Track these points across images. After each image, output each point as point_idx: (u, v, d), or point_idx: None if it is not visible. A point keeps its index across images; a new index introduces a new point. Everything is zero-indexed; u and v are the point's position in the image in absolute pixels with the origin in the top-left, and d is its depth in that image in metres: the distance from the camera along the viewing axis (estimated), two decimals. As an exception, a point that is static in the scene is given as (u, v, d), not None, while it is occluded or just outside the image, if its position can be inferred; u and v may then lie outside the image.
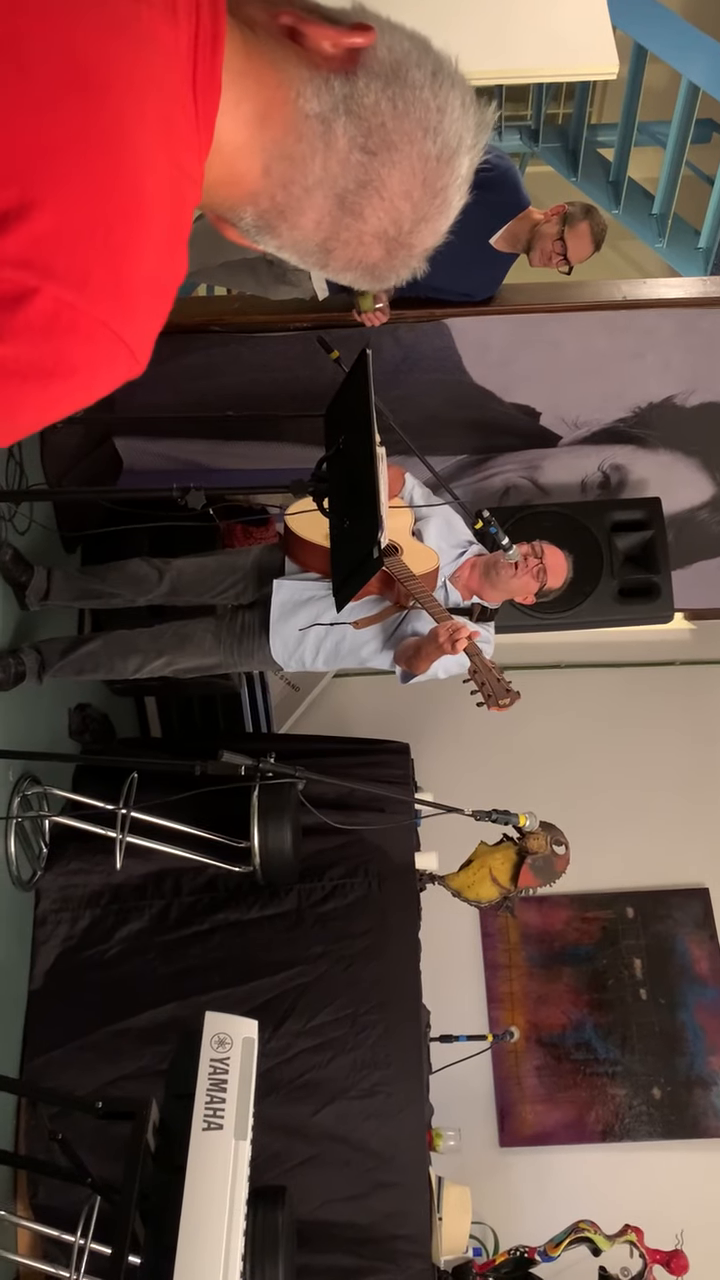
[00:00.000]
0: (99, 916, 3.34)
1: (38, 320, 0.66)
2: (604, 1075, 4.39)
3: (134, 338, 0.71)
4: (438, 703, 4.18)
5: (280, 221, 0.80)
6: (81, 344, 0.69)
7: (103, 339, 0.69)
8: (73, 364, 0.69)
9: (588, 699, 4.99)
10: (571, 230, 3.10)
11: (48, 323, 0.66)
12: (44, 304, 0.66)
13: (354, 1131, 3.08)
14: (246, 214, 0.80)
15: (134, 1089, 2.98)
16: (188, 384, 3.65)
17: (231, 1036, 1.89)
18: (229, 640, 3.13)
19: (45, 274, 0.65)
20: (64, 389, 0.71)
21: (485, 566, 3.02)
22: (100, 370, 0.72)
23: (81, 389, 0.72)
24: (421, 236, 0.81)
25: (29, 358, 0.67)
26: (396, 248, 0.81)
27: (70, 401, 0.73)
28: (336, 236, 0.80)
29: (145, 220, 0.69)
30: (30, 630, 3.38)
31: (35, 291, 0.65)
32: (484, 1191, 3.61)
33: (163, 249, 0.71)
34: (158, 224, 0.70)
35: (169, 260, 0.73)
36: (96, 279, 0.67)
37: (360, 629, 2.99)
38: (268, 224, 0.80)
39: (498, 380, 3.74)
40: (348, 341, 3.10)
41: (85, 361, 0.70)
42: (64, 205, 0.65)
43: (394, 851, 3.47)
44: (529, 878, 3.20)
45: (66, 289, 0.66)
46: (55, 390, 0.71)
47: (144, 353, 0.73)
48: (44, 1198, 2.88)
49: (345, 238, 0.80)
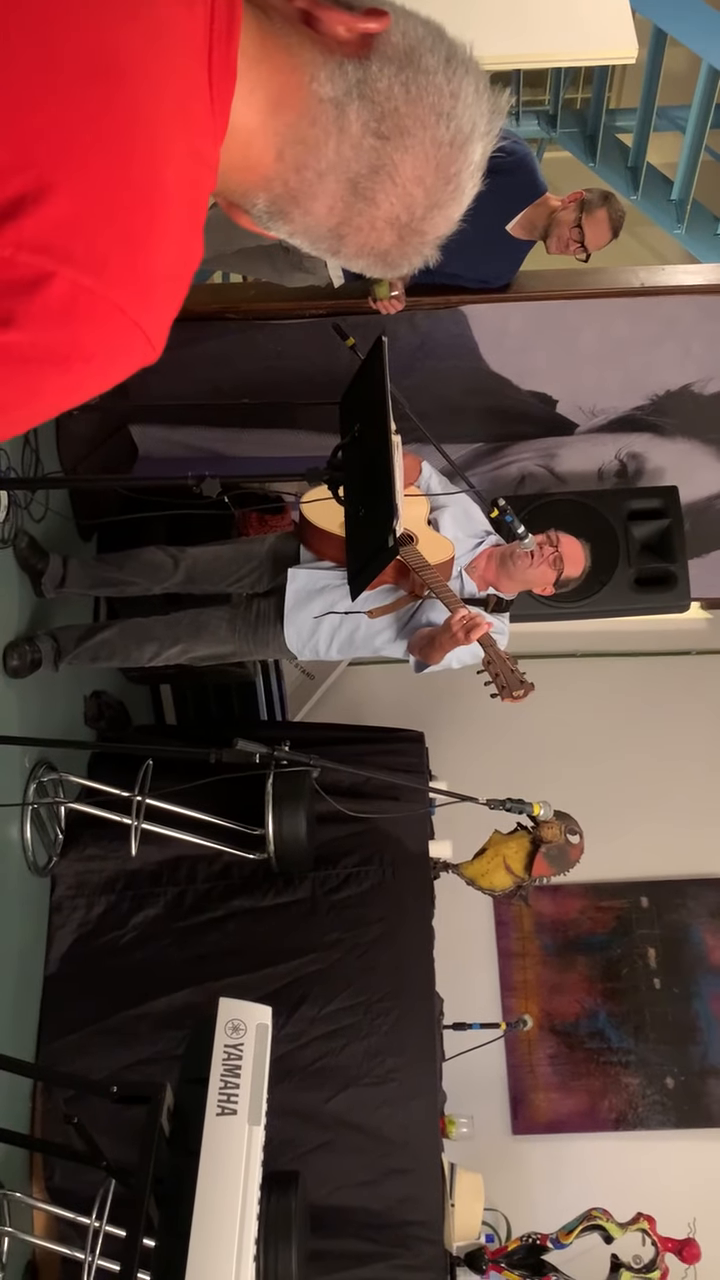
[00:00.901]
0: (114, 902, 3.36)
1: (55, 305, 0.66)
2: (617, 1064, 4.40)
3: (150, 324, 0.71)
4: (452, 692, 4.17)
5: (293, 207, 0.79)
6: (98, 330, 0.69)
7: (120, 325, 0.69)
8: (89, 350, 0.69)
9: (603, 688, 4.98)
10: (589, 217, 3.08)
11: (65, 308, 0.66)
12: (61, 289, 0.65)
13: (367, 1118, 3.10)
14: (259, 200, 0.80)
15: (149, 1073, 3.00)
16: (203, 372, 3.65)
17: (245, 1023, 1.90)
18: (244, 628, 3.13)
19: (63, 259, 0.65)
20: (80, 375, 0.71)
21: (501, 557, 3.01)
22: (117, 356, 0.72)
23: (97, 375, 0.72)
24: (434, 223, 0.81)
25: (46, 343, 0.67)
26: (409, 234, 0.81)
27: (86, 388, 0.73)
28: (349, 222, 0.80)
29: (163, 206, 0.69)
30: (46, 618, 3.39)
31: (52, 276, 0.65)
32: (497, 1178, 3.63)
33: (180, 235, 0.71)
34: (175, 210, 0.70)
35: (186, 246, 0.73)
36: (114, 264, 0.67)
37: (375, 618, 2.99)
38: (280, 209, 0.80)
39: (514, 367, 3.72)
40: (363, 329, 3.09)
41: (102, 347, 0.70)
42: (82, 190, 0.65)
43: (408, 840, 3.47)
44: (543, 867, 3.20)
45: (84, 274, 0.66)
46: (72, 376, 0.71)
47: (160, 339, 0.73)
48: (60, 1180, 2.91)
49: (358, 223, 0.80)
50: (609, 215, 3.10)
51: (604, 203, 3.11)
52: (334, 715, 4.82)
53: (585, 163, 5.18)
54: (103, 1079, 2.84)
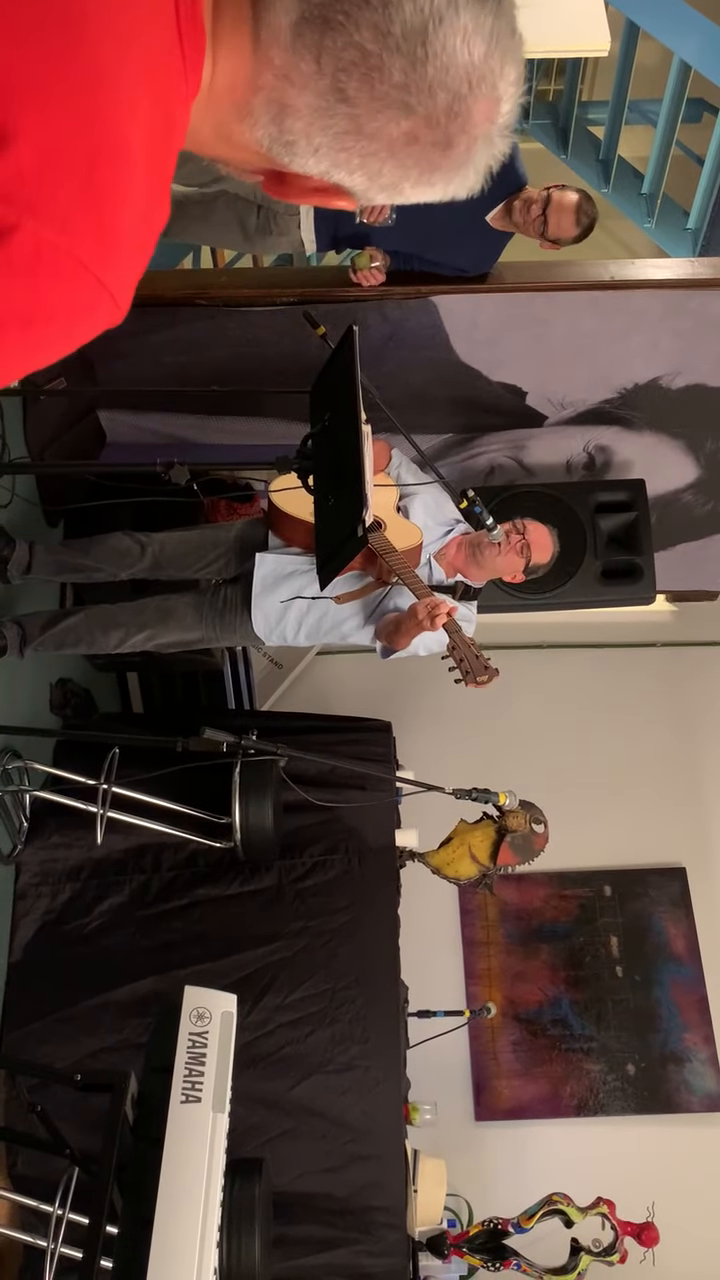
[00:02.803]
0: (79, 890, 3.35)
1: (18, 259, 0.63)
2: (579, 1051, 4.44)
3: (115, 283, 0.69)
4: (420, 682, 4.19)
5: (291, 118, 0.72)
6: (62, 286, 0.66)
7: (84, 282, 0.67)
8: (53, 307, 0.67)
9: (570, 679, 5.02)
10: (557, 202, 3.07)
11: (29, 262, 0.64)
12: (24, 241, 0.63)
13: (331, 1105, 3.11)
14: (261, 126, 0.74)
15: (113, 1061, 2.99)
16: (172, 358, 3.62)
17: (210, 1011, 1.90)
18: (211, 615, 3.12)
19: (26, 210, 0.62)
20: (43, 334, 0.69)
21: (470, 545, 3.03)
22: (81, 316, 0.69)
23: (61, 335, 0.70)
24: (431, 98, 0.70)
25: (9, 299, 0.64)
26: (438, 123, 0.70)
27: (49, 348, 0.71)
28: (356, 126, 0.71)
29: (127, 161, 0.67)
30: (11, 604, 3.37)
31: (15, 228, 0.62)
32: (459, 1164, 3.66)
33: (145, 193, 0.69)
34: (140, 166, 0.68)
35: (151, 205, 0.70)
36: (78, 219, 0.65)
37: (342, 604, 2.99)
38: (282, 126, 0.73)
39: (485, 359, 3.73)
40: (334, 316, 3.08)
41: (66, 305, 0.68)
42: (45, 140, 0.62)
43: (374, 829, 3.48)
44: (508, 855, 3.22)
45: (48, 227, 0.63)
46: (34, 335, 0.68)
47: (125, 299, 0.71)
48: (22, 1168, 2.90)
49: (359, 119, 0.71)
50: (579, 206, 3.10)
51: (577, 193, 3.11)
52: (302, 704, 4.82)
53: (557, 155, 5.19)
54: (66, 1067, 2.84)
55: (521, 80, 0.73)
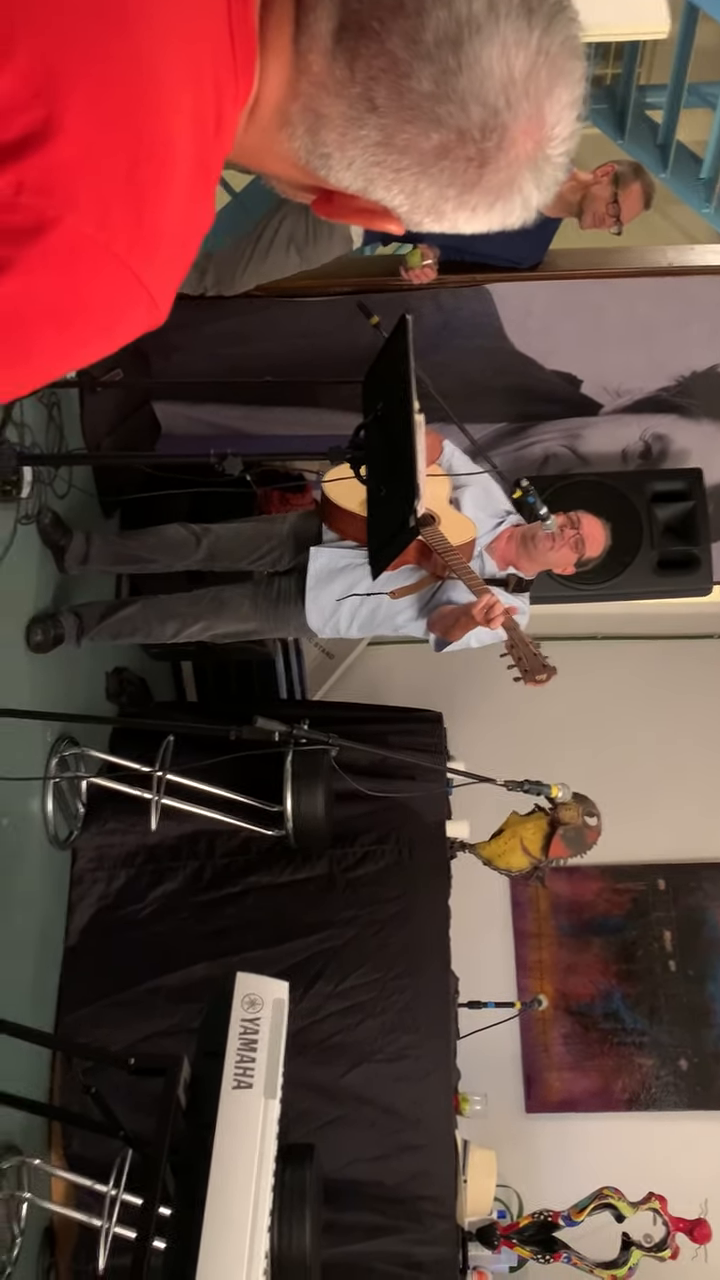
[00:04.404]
0: (134, 876, 3.39)
1: (56, 253, 0.62)
2: (631, 1045, 4.41)
3: (155, 283, 0.67)
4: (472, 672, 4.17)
5: (325, 128, 0.71)
6: (100, 283, 0.65)
7: (124, 280, 0.66)
8: (92, 304, 0.66)
9: (625, 671, 4.96)
10: (624, 191, 3.05)
11: (68, 257, 0.62)
12: (65, 236, 0.62)
13: (381, 1093, 3.12)
14: (298, 136, 0.73)
15: (166, 1045, 3.03)
16: (226, 349, 3.64)
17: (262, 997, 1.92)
18: (265, 606, 3.14)
19: (67, 204, 0.61)
20: (82, 332, 0.68)
21: (523, 537, 3.00)
22: (120, 314, 0.68)
23: (100, 334, 0.69)
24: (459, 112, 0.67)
25: (45, 294, 0.64)
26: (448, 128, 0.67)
27: (88, 347, 0.70)
28: (388, 138, 0.69)
29: (171, 160, 0.66)
30: (69, 594, 3.41)
31: (56, 222, 0.61)
32: (509, 1156, 3.65)
33: (189, 193, 0.68)
34: (185, 166, 0.67)
35: (193, 207, 0.69)
36: (118, 215, 0.63)
37: (396, 599, 2.99)
38: (317, 137, 0.72)
39: (539, 347, 3.69)
40: (387, 307, 3.06)
41: (105, 303, 0.67)
42: (90, 133, 0.61)
43: (425, 819, 3.48)
44: (560, 848, 3.20)
45: (88, 222, 0.62)
46: (73, 332, 0.68)
47: (165, 301, 0.69)
48: (78, 1148, 2.95)
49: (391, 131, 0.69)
50: (642, 188, 3.08)
51: (636, 176, 3.09)
52: (353, 694, 4.83)
53: (614, 140, 5.11)
54: (121, 1050, 2.88)
55: (578, 105, 0.69)
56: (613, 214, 3.06)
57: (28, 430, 3.15)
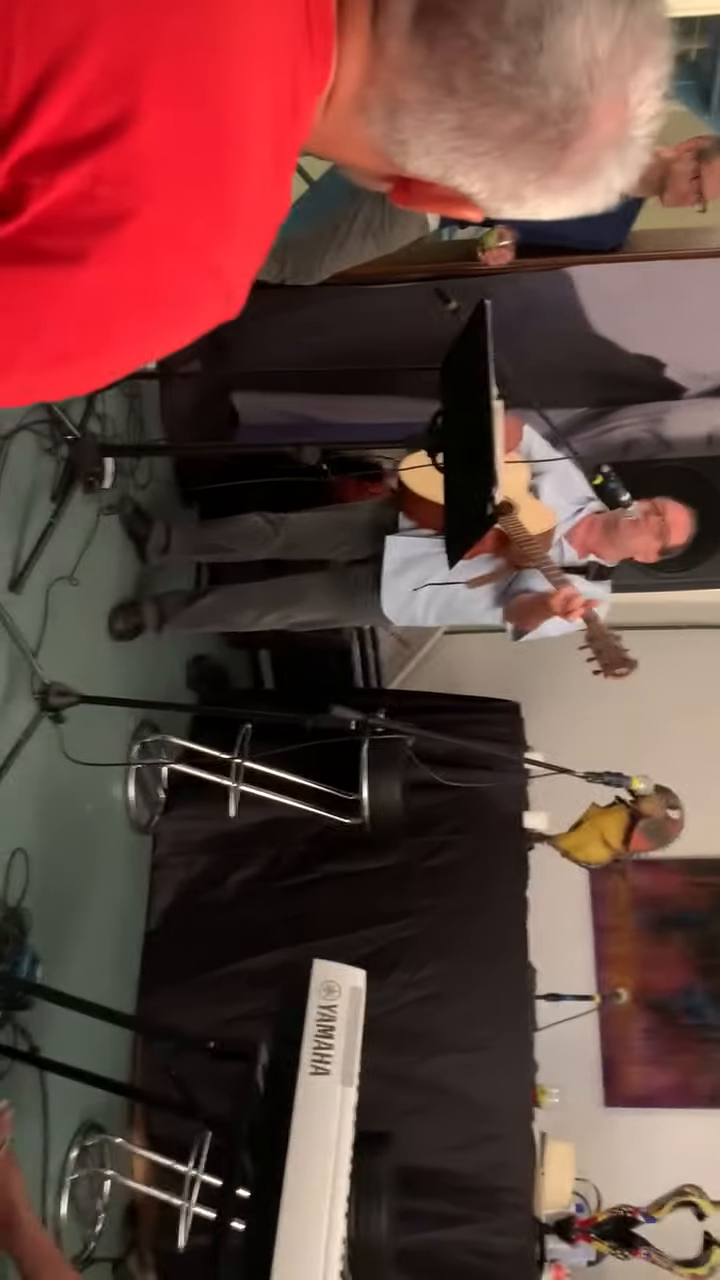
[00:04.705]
0: (213, 862, 3.44)
1: (135, 244, 0.62)
2: (713, 1040, 4.33)
3: (231, 273, 0.67)
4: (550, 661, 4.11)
5: (403, 113, 0.69)
6: (179, 274, 0.65)
7: (200, 271, 0.66)
8: (168, 295, 0.66)
9: (708, 661, 4.85)
10: (708, 167, 2.97)
11: (145, 248, 0.63)
12: (142, 227, 0.62)
13: (458, 1083, 3.12)
14: (375, 123, 0.71)
15: (245, 1029, 3.06)
16: (303, 338, 3.64)
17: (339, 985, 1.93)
18: (342, 595, 3.14)
19: (145, 195, 0.62)
20: (159, 322, 0.68)
21: (604, 525, 2.96)
22: (196, 305, 0.68)
23: (177, 324, 0.69)
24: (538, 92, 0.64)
25: (124, 285, 0.64)
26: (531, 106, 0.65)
27: (165, 337, 0.70)
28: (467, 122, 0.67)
29: (249, 151, 0.65)
30: (150, 583, 3.46)
31: (134, 213, 0.61)
32: (588, 1150, 3.61)
33: (266, 184, 0.67)
34: (262, 157, 0.66)
35: (270, 196, 0.69)
36: (195, 206, 0.63)
37: (473, 588, 2.97)
38: (394, 123, 0.70)
39: (621, 330, 3.62)
40: (465, 292, 3.03)
41: (181, 294, 0.67)
42: (169, 123, 0.61)
43: (503, 810, 3.46)
44: (640, 841, 3.15)
45: (165, 213, 0.62)
46: (150, 323, 0.68)
47: (240, 292, 0.69)
48: (159, 1128, 3.01)
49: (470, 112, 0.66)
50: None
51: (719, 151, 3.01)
52: (429, 683, 4.81)
53: (699, 116, 4.99)
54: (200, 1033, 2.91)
55: (662, 84, 0.67)
56: (696, 190, 2.98)
57: (109, 421, 3.20)
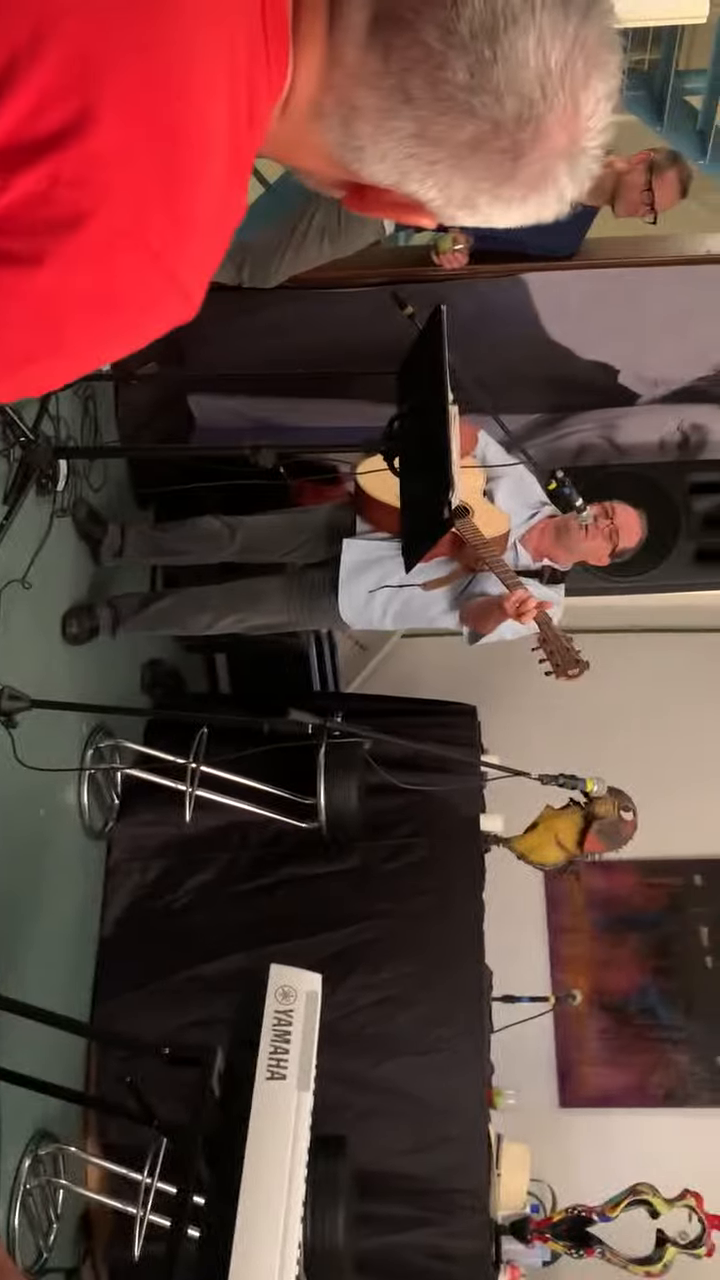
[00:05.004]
0: (169, 867, 3.41)
1: (92, 247, 0.62)
2: (667, 1041, 4.38)
3: (188, 277, 0.68)
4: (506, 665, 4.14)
5: (358, 120, 0.70)
6: (136, 277, 0.65)
7: (157, 274, 0.66)
8: (125, 298, 0.66)
9: (660, 664, 4.91)
10: (659, 179, 3.01)
11: (102, 251, 0.63)
12: (100, 229, 0.62)
13: (414, 1086, 3.12)
14: (331, 129, 0.72)
15: (200, 1035, 3.04)
16: (260, 341, 3.64)
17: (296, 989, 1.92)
18: (299, 599, 3.14)
19: (103, 197, 0.61)
20: (115, 325, 0.68)
21: (557, 529, 2.98)
22: (153, 308, 0.68)
23: (133, 327, 0.69)
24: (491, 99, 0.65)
25: (81, 287, 0.64)
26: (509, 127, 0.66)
27: (121, 341, 0.70)
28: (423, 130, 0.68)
29: (207, 153, 0.65)
30: (104, 586, 3.43)
31: (91, 215, 0.61)
32: (543, 1150, 3.63)
33: (221, 188, 0.68)
34: (220, 160, 0.66)
35: (227, 201, 0.69)
36: (153, 209, 0.63)
37: (430, 590, 2.98)
38: (350, 129, 0.71)
39: (575, 337, 3.66)
40: (422, 297, 3.05)
41: (138, 297, 0.67)
42: (126, 125, 0.61)
43: (459, 813, 3.47)
44: (595, 843, 3.17)
45: (122, 216, 0.62)
46: (106, 326, 0.68)
47: (197, 295, 0.69)
48: (113, 1136, 2.98)
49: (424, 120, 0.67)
50: (678, 176, 3.04)
51: (672, 163, 3.05)
52: (386, 687, 4.82)
53: (652, 126, 5.05)
54: (155, 1040, 2.89)
55: (613, 97, 0.68)
56: (646, 202, 3.02)
57: (63, 423, 3.17)
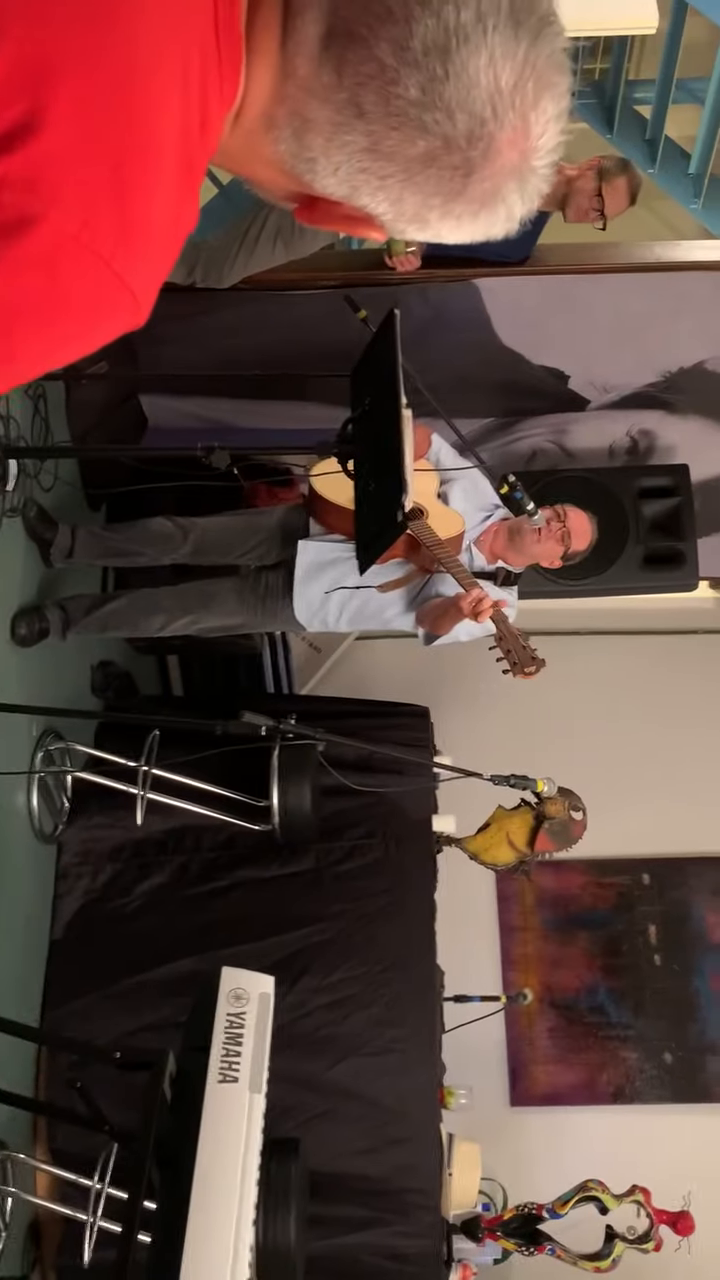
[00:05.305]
0: (120, 870, 3.39)
1: (40, 252, 0.62)
2: (616, 1039, 4.43)
3: (138, 283, 0.67)
4: (459, 667, 4.17)
5: (311, 132, 0.70)
6: (82, 282, 0.65)
7: (107, 280, 0.65)
8: (74, 304, 0.66)
9: (610, 666, 4.97)
10: (608, 185, 3.05)
11: (50, 256, 0.62)
12: (48, 234, 0.61)
13: (367, 1087, 3.13)
14: (283, 140, 0.72)
15: (152, 1040, 3.03)
16: (214, 342, 3.63)
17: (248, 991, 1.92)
18: (253, 600, 3.13)
19: (50, 201, 0.61)
20: (63, 331, 0.68)
21: (510, 531, 3.01)
22: (102, 314, 0.68)
23: (82, 333, 0.69)
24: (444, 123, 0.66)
25: (28, 292, 0.63)
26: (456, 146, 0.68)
27: (69, 346, 0.70)
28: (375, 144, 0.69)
29: (157, 159, 0.65)
30: (54, 587, 3.40)
31: (39, 219, 0.61)
32: (494, 1149, 3.67)
33: (174, 194, 0.67)
34: (170, 166, 0.66)
35: (178, 208, 0.69)
36: (103, 214, 0.63)
37: (385, 592, 2.99)
38: (302, 141, 0.71)
39: (527, 342, 3.69)
40: (375, 301, 3.06)
41: (87, 303, 0.66)
42: (76, 128, 0.61)
43: (412, 814, 3.49)
44: (545, 842, 3.20)
45: (72, 221, 0.62)
46: (54, 332, 0.67)
47: (147, 301, 0.69)
48: (62, 1143, 2.95)
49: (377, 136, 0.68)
50: (628, 183, 3.08)
51: (622, 170, 3.09)
52: (341, 689, 4.83)
53: (602, 134, 5.11)
54: (106, 1045, 2.87)
55: (562, 118, 0.69)
56: (596, 207, 3.06)
57: (13, 423, 3.13)
